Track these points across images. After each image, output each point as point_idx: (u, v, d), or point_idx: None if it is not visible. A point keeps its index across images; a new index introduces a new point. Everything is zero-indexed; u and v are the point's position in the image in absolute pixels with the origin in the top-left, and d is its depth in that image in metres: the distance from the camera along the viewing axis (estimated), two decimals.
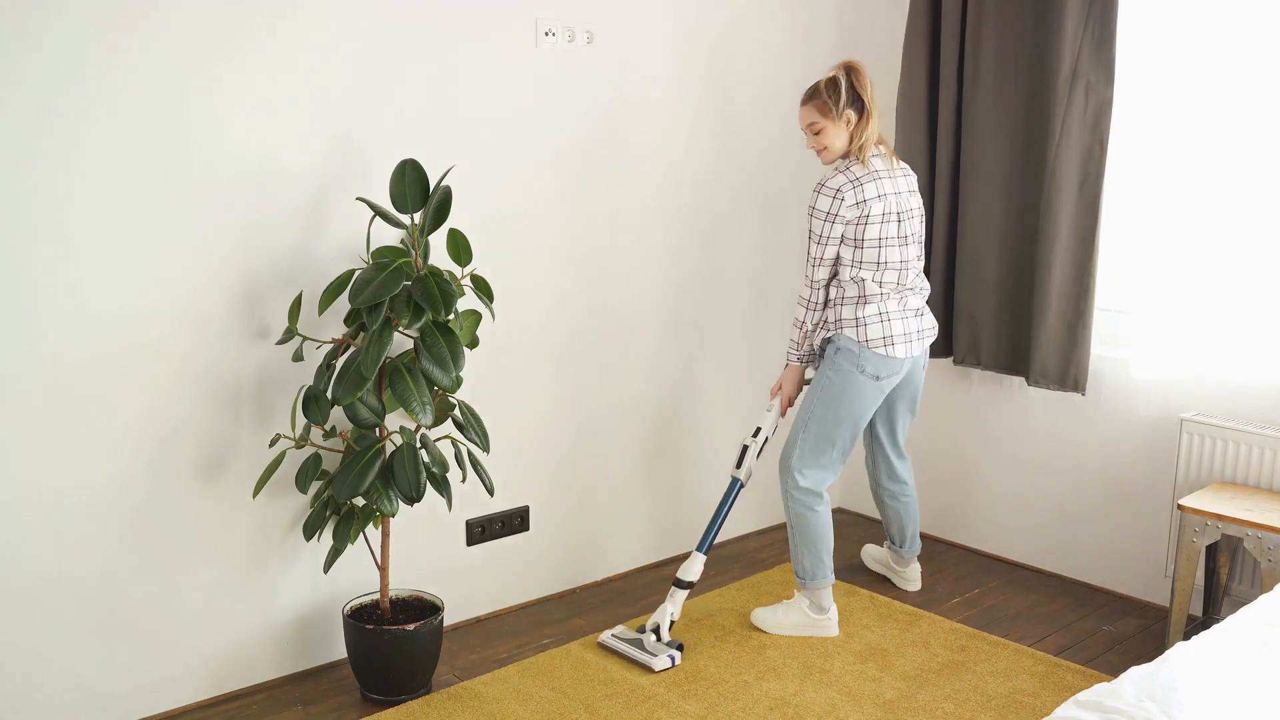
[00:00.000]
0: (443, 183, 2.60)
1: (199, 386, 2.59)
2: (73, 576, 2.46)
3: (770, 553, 3.78)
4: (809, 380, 3.19)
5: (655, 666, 2.86)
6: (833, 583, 3.10)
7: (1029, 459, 3.62)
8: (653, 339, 3.52)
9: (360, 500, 2.68)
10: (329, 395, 2.56)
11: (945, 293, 3.68)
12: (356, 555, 2.88)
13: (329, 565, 2.72)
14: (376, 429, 2.63)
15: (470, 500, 3.11)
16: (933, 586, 3.49)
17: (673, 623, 3.00)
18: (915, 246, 3.03)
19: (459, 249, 2.68)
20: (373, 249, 2.66)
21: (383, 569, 2.76)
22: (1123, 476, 3.38)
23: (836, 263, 2.99)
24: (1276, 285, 3.03)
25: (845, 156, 2.98)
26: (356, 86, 2.73)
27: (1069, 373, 3.35)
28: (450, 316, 2.52)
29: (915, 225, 3.02)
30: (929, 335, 3.09)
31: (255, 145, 2.58)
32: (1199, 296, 3.16)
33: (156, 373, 2.52)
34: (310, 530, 2.65)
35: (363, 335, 2.57)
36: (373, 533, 2.87)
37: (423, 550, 3.05)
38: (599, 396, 3.41)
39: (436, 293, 2.46)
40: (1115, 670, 2.87)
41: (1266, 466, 3.05)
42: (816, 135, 2.96)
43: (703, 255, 3.61)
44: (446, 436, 2.83)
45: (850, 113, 2.92)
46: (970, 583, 3.54)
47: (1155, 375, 3.26)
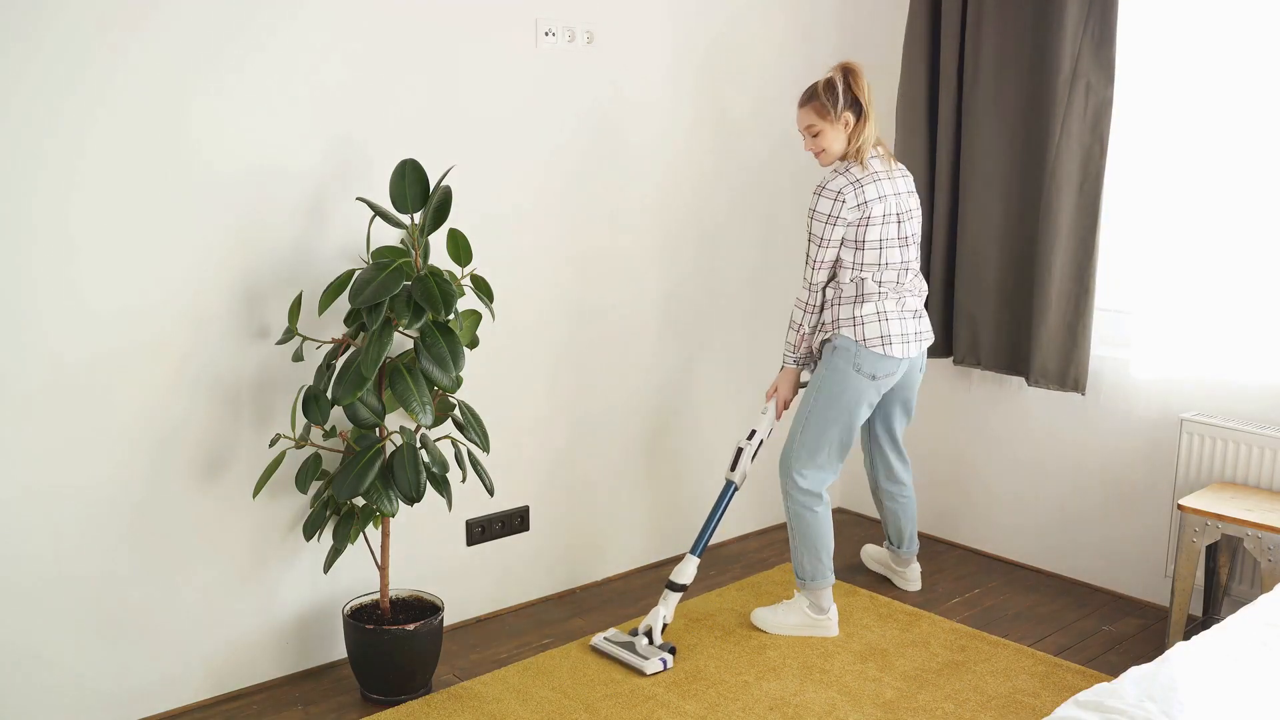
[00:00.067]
0: (443, 183, 2.60)
1: (199, 386, 2.59)
2: (73, 576, 2.46)
3: (770, 553, 3.78)
4: (805, 384, 3.19)
5: (647, 670, 2.84)
6: (833, 583, 3.10)
7: (1029, 459, 3.62)
8: (652, 339, 3.53)
9: (360, 500, 2.68)
10: (329, 395, 2.56)
11: (945, 293, 3.68)
12: (356, 555, 2.88)
13: (329, 565, 2.72)
14: (376, 429, 2.63)
15: (470, 500, 3.11)
16: (933, 586, 3.49)
17: (665, 625, 2.98)
18: (914, 247, 3.03)
19: (459, 249, 2.68)
20: (373, 249, 2.66)
21: (383, 569, 2.76)
22: (1123, 476, 3.38)
23: (835, 265, 2.99)
24: (1276, 285, 3.03)
25: (843, 158, 2.97)
26: (356, 86, 2.73)
27: (1069, 373, 3.35)
28: (450, 316, 2.52)
29: (914, 225, 3.02)
30: (926, 339, 3.08)
31: (255, 145, 2.59)
32: (1199, 296, 3.16)
33: (156, 373, 2.52)
34: (310, 530, 2.65)
35: (363, 335, 2.57)
36: (373, 533, 2.87)
37: (423, 550, 3.05)
38: (599, 396, 3.41)
39: (436, 293, 2.46)
40: (1115, 670, 2.87)
41: (1266, 466, 3.05)
42: (815, 138, 2.96)
43: (702, 255, 3.61)
44: (446, 436, 2.83)
45: (848, 115, 2.92)
46: (970, 583, 3.54)
47: (1155, 375, 3.26)
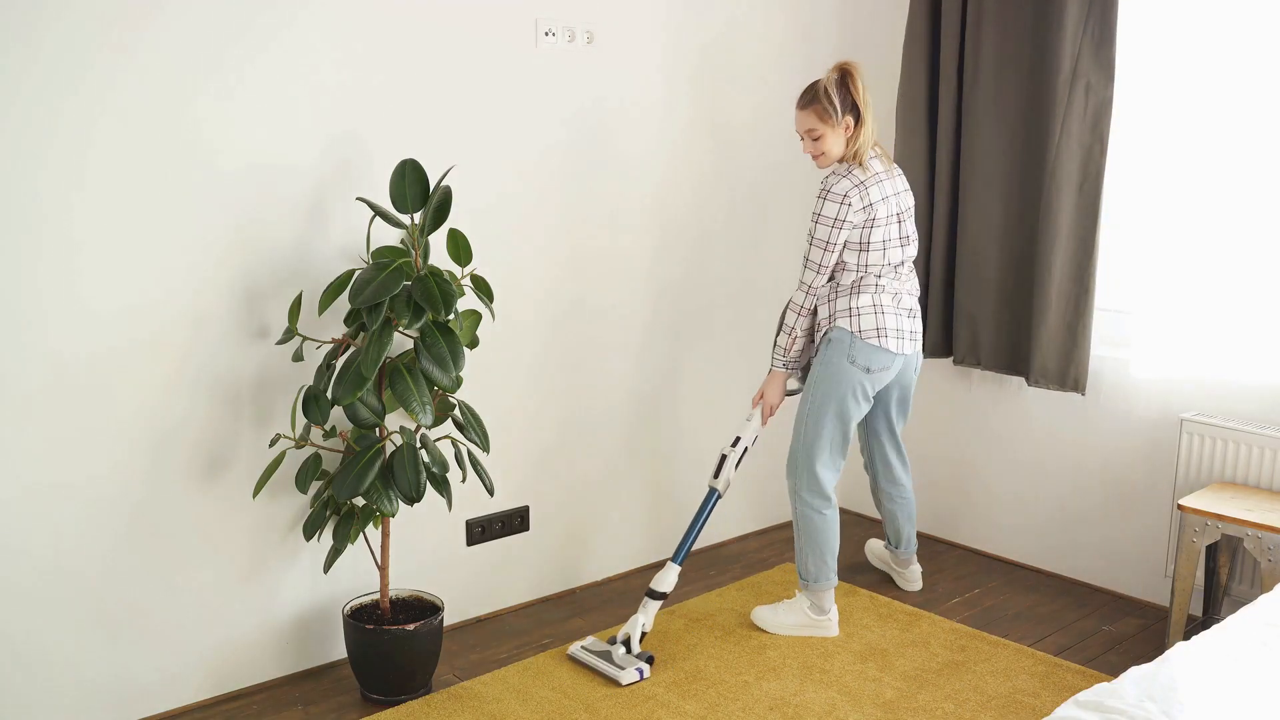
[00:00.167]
0: (443, 183, 2.60)
1: (199, 386, 2.59)
2: (73, 576, 2.46)
3: (770, 553, 3.78)
4: (792, 391, 3.18)
5: (622, 680, 2.78)
6: (835, 585, 3.10)
7: (1029, 459, 3.62)
8: (653, 340, 3.52)
9: (360, 500, 2.68)
10: (329, 395, 2.56)
11: (945, 293, 3.68)
12: (356, 555, 2.88)
13: (329, 565, 2.72)
14: (376, 429, 2.63)
15: (470, 500, 3.11)
16: (933, 586, 3.49)
17: (644, 634, 2.92)
18: (912, 245, 3.04)
19: (459, 249, 2.68)
20: (373, 249, 2.66)
21: (383, 569, 2.76)
22: (1123, 476, 3.38)
23: (836, 267, 2.99)
24: (1276, 285, 3.03)
25: (840, 160, 2.97)
26: (356, 87, 2.73)
27: (1069, 373, 3.35)
28: (450, 316, 2.52)
29: (912, 224, 3.04)
30: (920, 338, 3.09)
31: (255, 145, 2.58)
32: (1199, 296, 3.16)
33: (156, 373, 2.52)
34: (310, 530, 2.65)
35: (363, 335, 2.57)
36: (373, 533, 2.87)
37: (423, 550, 3.05)
38: (599, 397, 3.41)
39: (436, 293, 2.46)
40: (1115, 670, 2.87)
41: (1266, 466, 3.05)
42: (815, 141, 2.94)
43: (703, 256, 3.61)
44: (446, 436, 2.83)
45: (849, 119, 2.91)
46: (970, 583, 3.54)
47: (1155, 375, 3.26)
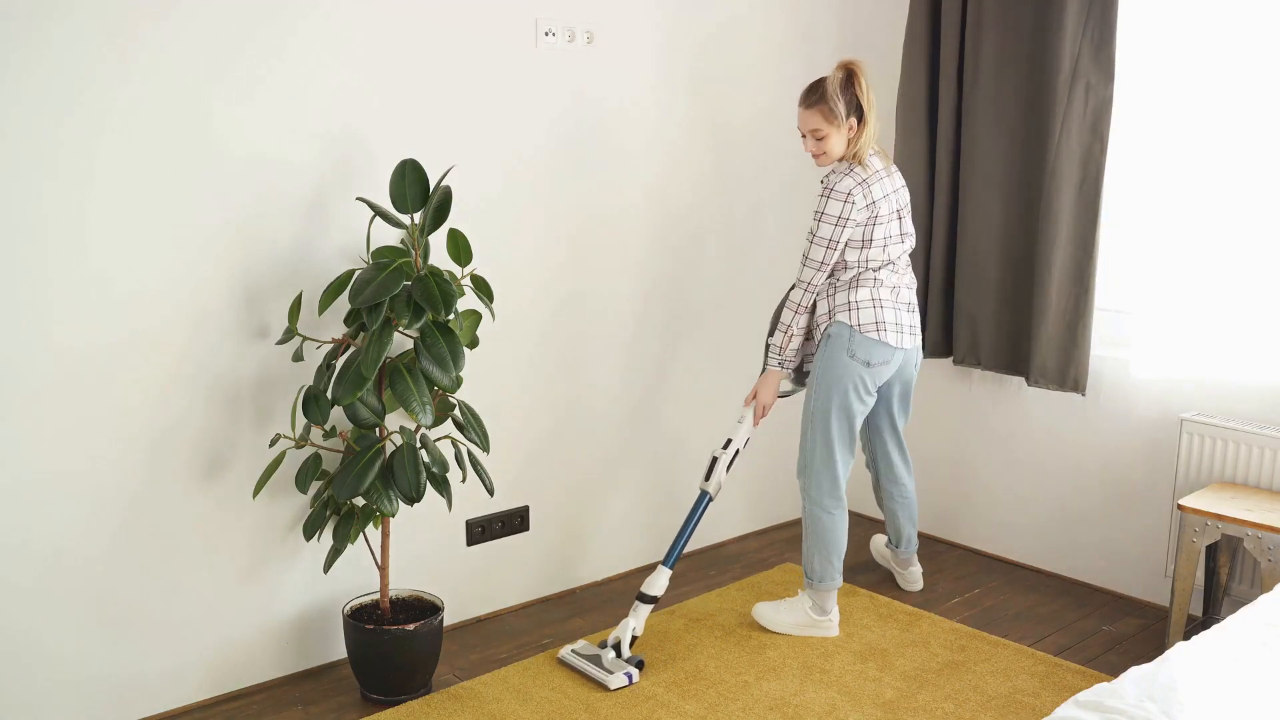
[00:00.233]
0: (443, 183, 2.60)
1: (199, 386, 2.59)
2: (73, 576, 2.46)
3: (770, 553, 3.78)
4: (784, 393, 3.17)
5: (611, 685, 2.76)
6: (839, 586, 3.09)
7: (1029, 459, 3.62)
8: (655, 340, 3.52)
9: (360, 500, 2.68)
10: (329, 395, 2.56)
11: (945, 293, 3.68)
12: (356, 555, 2.88)
13: (329, 565, 2.72)
14: (376, 429, 2.63)
15: (470, 500, 3.11)
16: (933, 586, 3.49)
17: (634, 638, 2.90)
18: (910, 240, 3.06)
19: (459, 249, 2.68)
20: (373, 249, 2.66)
21: (383, 569, 2.76)
22: (1123, 476, 3.38)
23: (836, 264, 2.99)
24: (1276, 285, 3.03)
25: (840, 159, 2.97)
26: (357, 86, 2.73)
27: (1069, 373, 3.35)
28: (450, 316, 2.52)
29: (910, 220, 3.06)
30: (919, 333, 3.10)
31: (255, 145, 2.58)
32: (1199, 296, 3.16)
33: (156, 374, 2.52)
34: (310, 530, 2.65)
35: (363, 335, 2.57)
36: (373, 533, 2.86)
37: (423, 550, 3.05)
38: (599, 396, 3.40)
39: (436, 293, 2.46)
40: (1115, 670, 2.87)
41: (1266, 466, 3.04)
42: (819, 141, 2.94)
43: (706, 256, 3.61)
44: (446, 436, 2.83)
45: (853, 119, 2.91)
46: (970, 583, 3.54)
47: (1155, 375, 3.26)
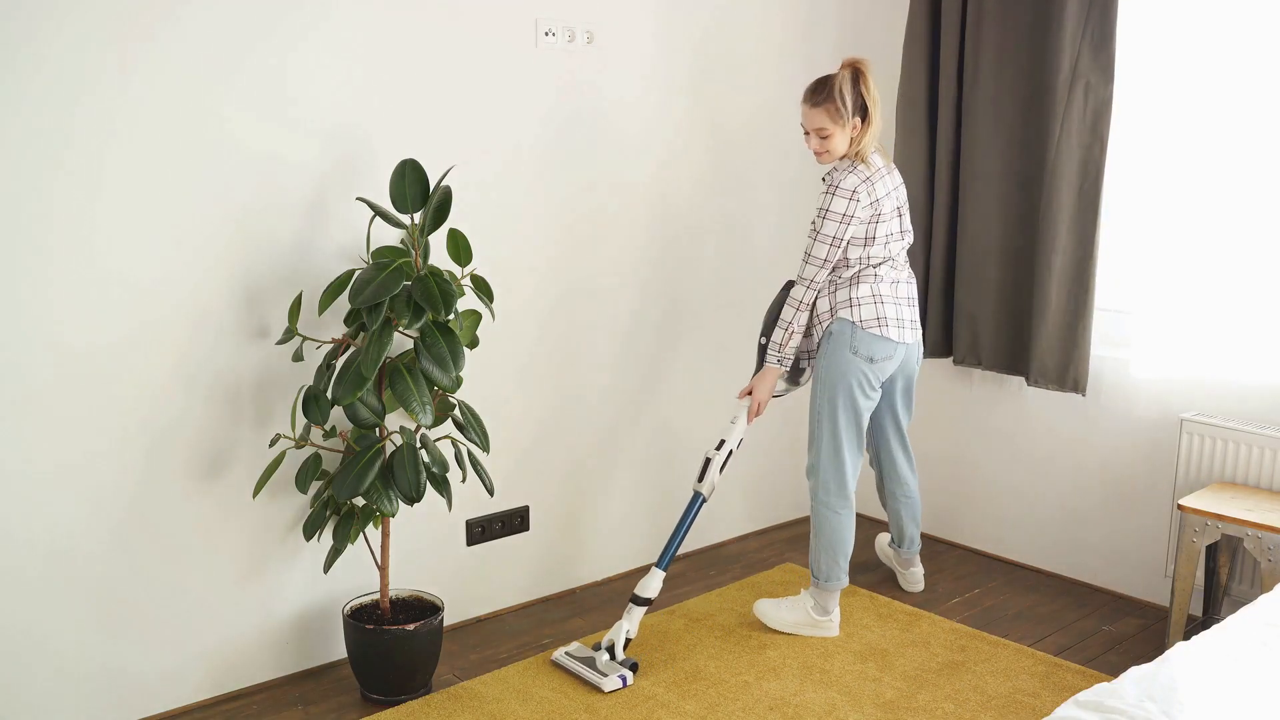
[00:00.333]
0: (443, 183, 2.60)
1: (199, 386, 2.59)
2: (73, 576, 2.46)
3: (770, 553, 3.78)
4: (777, 393, 3.16)
5: (605, 688, 2.75)
6: (844, 586, 3.09)
7: (1029, 459, 3.62)
8: (655, 340, 3.52)
9: (360, 500, 2.68)
10: (329, 395, 2.56)
11: (945, 293, 3.68)
12: (356, 555, 2.88)
13: (329, 565, 2.72)
14: (376, 429, 2.63)
15: (470, 500, 3.11)
16: (933, 586, 3.49)
17: (628, 641, 2.89)
18: (909, 237, 3.07)
19: (459, 249, 2.68)
20: (373, 249, 2.66)
21: (383, 569, 2.76)
22: (1123, 476, 3.38)
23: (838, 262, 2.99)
24: (1276, 285, 3.03)
25: (843, 157, 2.97)
26: (357, 86, 2.73)
27: (1069, 373, 3.35)
28: (450, 316, 2.52)
29: (908, 217, 3.07)
30: (919, 328, 3.10)
31: (255, 145, 2.58)
32: (1199, 296, 3.16)
33: (156, 374, 2.52)
34: (310, 530, 2.65)
35: (363, 335, 2.57)
36: (373, 533, 2.87)
37: (423, 550, 3.05)
38: (599, 396, 3.40)
39: (436, 293, 2.46)
40: (1115, 670, 2.87)
41: (1266, 466, 3.04)
42: (824, 140, 2.92)
43: (707, 256, 3.61)
44: (446, 436, 2.83)
45: (857, 118, 2.91)
46: (970, 583, 3.54)
47: (1155, 375, 3.26)
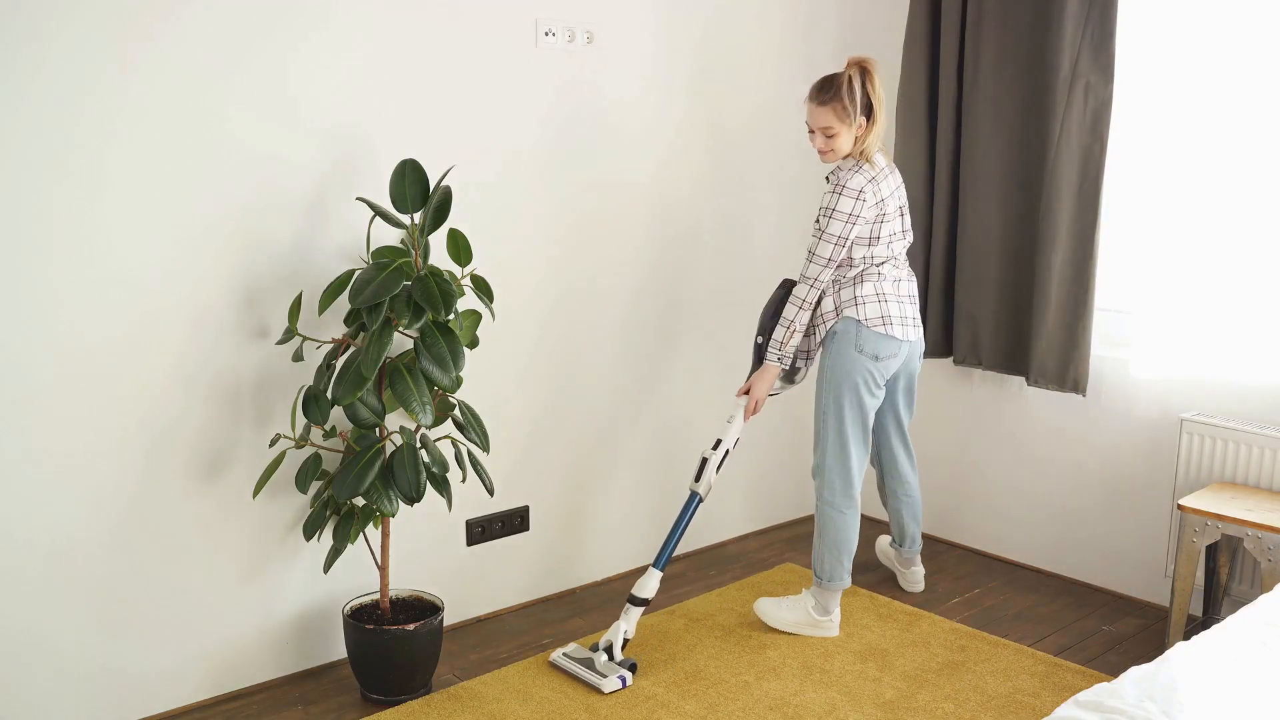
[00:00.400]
0: (443, 183, 2.60)
1: (199, 386, 2.59)
2: (73, 577, 2.46)
3: (770, 553, 3.78)
4: (772, 392, 3.16)
5: (604, 689, 2.75)
6: (847, 587, 3.09)
7: (1029, 459, 3.62)
8: (655, 340, 3.52)
9: (360, 500, 2.68)
10: (329, 395, 2.56)
11: (945, 293, 3.68)
12: (356, 555, 2.88)
13: (329, 565, 2.72)
14: (376, 429, 2.63)
15: (470, 500, 3.11)
16: (933, 586, 3.49)
17: (626, 641, 2.88)
18: (910, 236, 3.08)
19: (459, 249, 2.68)
20: (373, 249, 2.66)
21: (383, 569, 2.76)
22: (1123, 476, 3.38)
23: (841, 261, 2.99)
24: (1276, 285, 3.03)
25: (846, 156, 2.97)
26: (357, 86, 2.73)
27: (1069, 373, 3.35)
28: (450, 316, 2.52)
29: (908, 217, 3.08)
30: (920, 325, 3.11)
31: (256, 145, 2.58)
32: (1199, 296, 3.16)
33: (156, 374, 2.52)
34: (310, 530, 2.65)
35: (363, 335, 2.57)
36: (373, 533, 2.87)
37: (423, 550, 3.05)
38: (599, 396, 3.40)
39: (436, 293, 2.46)
40: (1115, 670, 2.87)
41: (1266, 466, 3.04)
42: (829, 139, 2.92)
43: (706, 256, 3.61)
44: (446, 436, 2.83)
45: (863, 118, 2.90)
46: (970, 583, 3.54)
47: (1155, 375, 3.26)
